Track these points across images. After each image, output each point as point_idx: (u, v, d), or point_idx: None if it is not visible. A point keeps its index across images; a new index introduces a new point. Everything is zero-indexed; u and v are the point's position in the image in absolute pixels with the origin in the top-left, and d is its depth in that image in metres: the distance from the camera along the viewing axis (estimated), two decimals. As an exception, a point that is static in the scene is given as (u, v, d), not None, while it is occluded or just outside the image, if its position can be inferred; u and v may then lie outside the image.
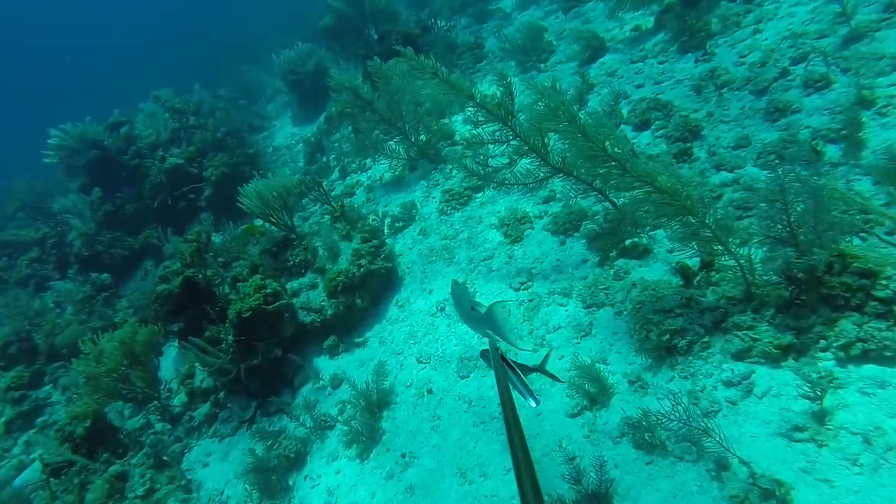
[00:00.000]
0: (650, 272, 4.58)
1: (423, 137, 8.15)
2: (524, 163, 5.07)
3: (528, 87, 4.41)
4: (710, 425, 3.22)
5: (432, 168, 8.03)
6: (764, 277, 3.60)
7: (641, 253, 4.77)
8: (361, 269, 6.10)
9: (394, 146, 8.40)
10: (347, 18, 12.96)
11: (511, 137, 4.81)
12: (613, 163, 3.74)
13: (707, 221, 3.52)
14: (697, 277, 4.09)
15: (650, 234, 4.65)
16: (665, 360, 3.87)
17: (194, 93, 14.07)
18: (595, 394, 3.94)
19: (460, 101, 4.72)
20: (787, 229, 3.21)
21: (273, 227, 6.92)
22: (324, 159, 10.97)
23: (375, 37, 12.71)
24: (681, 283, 4.19)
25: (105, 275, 9.28)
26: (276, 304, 5.82)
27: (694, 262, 4.29)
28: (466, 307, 3.84)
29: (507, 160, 5.56)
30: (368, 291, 6.22)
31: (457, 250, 6.29)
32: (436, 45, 11.46)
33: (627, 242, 4.89)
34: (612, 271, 4.81)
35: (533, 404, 2.96)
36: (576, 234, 5.51)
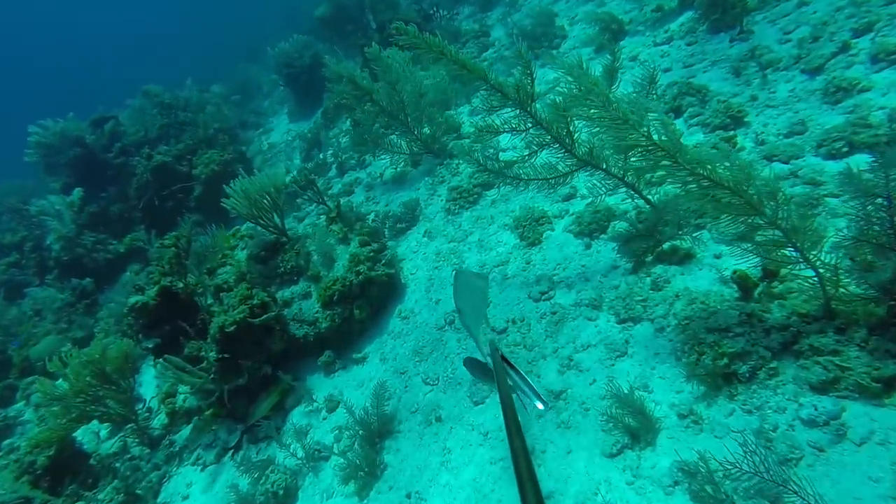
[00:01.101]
0: (695, 281, 3.92)
1: (426, 130, 7.49)
2: (544, 155, 4.41)
3: (549, 65, 3.74)
4: (790, 477, 2.57)
5: (437, 163, 7.38)
6: (848, 290, 2.94)
7: (683, 258, 4.11)
8: (360, 277, 5.45)
9: (395, 140, 7.75)
10: (345, 7, 12.31)
11: (531, 125, 4.15)
12: (661, 153, 3.08)
13: (779, 222, 2.85)
14: (758, 289, 3.43)
15: (694, 235, 3.99)
16: (722, 388, 3.22)
17: (186, 88, 13.43)
18: (637, 429, 3.28)
19: (471, 83, 4.06)
20: (891, 231, 2.55)
21: (263, 230, 6.28)
22: (321, 156, 10.32)
23: (374, 26, 12.07)
24: (736, 295, 3.53)
25: (87, 280, 8.65)
26: (265, 316, 5.18)
27: (745, 267, 3.63)
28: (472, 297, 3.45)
29: (525, 152, 4.92)
30: (368, 301, 5.58)
31: (466, 254, 5.64)
32: (438, 33, 10.78)
33: (665, 246, 4.24)
34: (648, 280, 4.16)
35: (540, 406, 2.83)
36: (602, 236, 4.85)
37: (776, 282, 3.38)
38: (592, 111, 3.36)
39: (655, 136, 3.11)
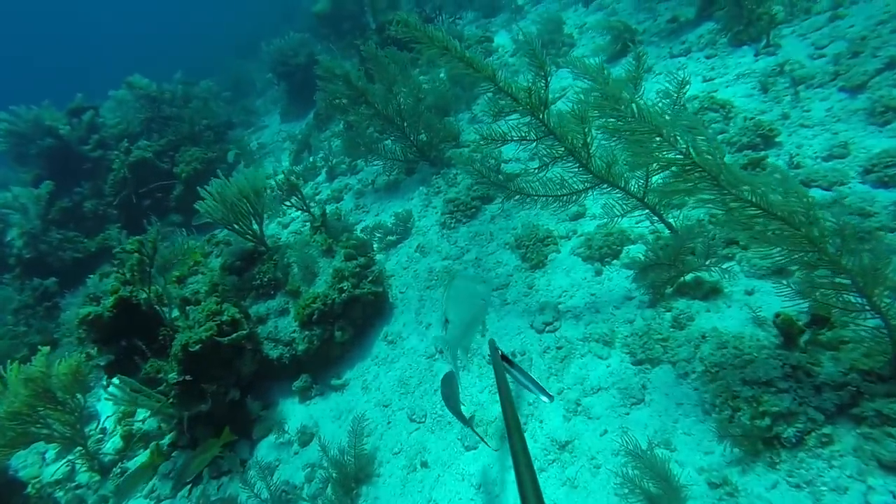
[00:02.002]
0: (723, 320, 3.43)
1: (423, 137, 7.00)
2: (555, 169, 3.92)
3: (562, 69, 3.27)
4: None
5: (433, 172, 6.88)
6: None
7: (708, 292, 3.63)
8: (343, 295, 4.91)
9: (389, 146, 7.25)
10: (344, 4, 11.82)
11: (542, 134, 3.66)
12: (700, 173, 2.60)
13: (845, 262, 2.37)
14: (804, 336, 2.94)
15: (723, 266, 3.50)
16: (762, 454, 2.72)
17: (174, 82, 12.85)
18: (659, 498, 2.77)
19: (475, 86, 3.57)
20: None
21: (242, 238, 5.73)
22: (310, 159, 9.79)
23: (374, 26, 11.61)
24: (777, 341, 3.05)
25: (51, 280, 8.02)
26: (235, 335, 4.63)
27: (790, 309, 3.15)
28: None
29: (531, 165, 4.44)
30: (351, 322, 5.03)
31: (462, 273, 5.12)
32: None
33: (688, 277, 3.75)
34: (668, 315, 3.66)
35: (546, 400, 2.83)
36: (615, 261, 4.36)
37: (826, 329, 2.89)
38: (618, 122, 2.88)
39: (694, 154, 2.63)
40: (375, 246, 6.23)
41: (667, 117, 2.76)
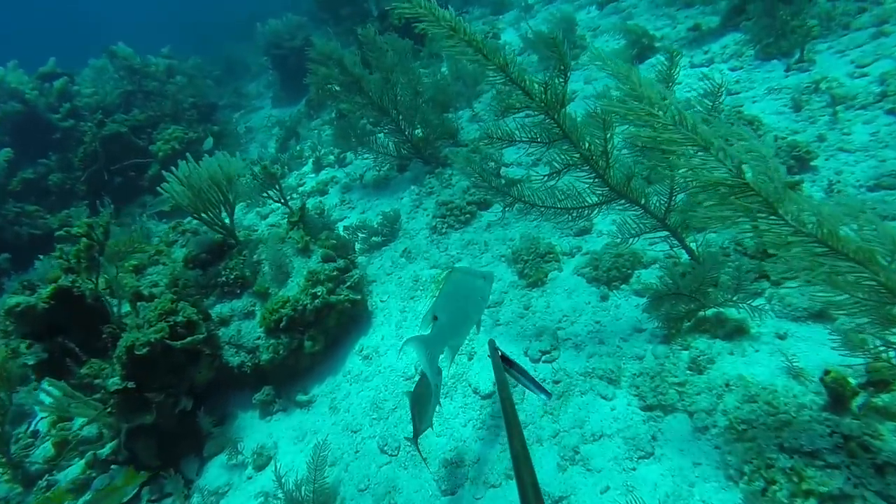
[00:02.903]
0: (750, 366, 2.96)
1: (418, 132, 6.48)
2: (565, 179, 3.43)
3: (574, 70, 2.78)
4: None
5: (427, 171, 6.37)
6: None
7: (732, 332, 3.16)
8: (316, 301, 4.38)
9: (382, 139, 6.72)
10: (346, -12, 11.27)
11: (556, 137, 3.16)
12: (753, 197, 2.12)
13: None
14: (857, 399, 2.47)
15: (751, 304, 3.03)
16: (800, 540, 2.25)
17: (161, 56, 12.18)
18: (673, 584, 2.29)
19: (479, 83, 3.06)
20: None
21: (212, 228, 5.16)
22: (297, 147, 9.22)
23: (376, 13, 11.06)
24: (821, 401, 2.58)
25: (2, 256, 7.36)
26: (189, 339, 4.07)
27: (837, 363, 2.68)
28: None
29: (535, 171, 3.96)
30: (323, 331, 4.50)
31: (451, 287, 4.61)
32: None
33: (709, 312, 3.28)
34: (685, 355, 3.19)
35: (544, 398, 2.64)
36: (624, 286, 3.88)
37: (884, 393, 2.43)
38: (651, 130, 2.38)
39: (749, 175, 2.15)
40: (358, 247, 5.70)
41: (707, 128, 2.27)
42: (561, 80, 3.11)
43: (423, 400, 2.87)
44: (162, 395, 3.96)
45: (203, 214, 4.83)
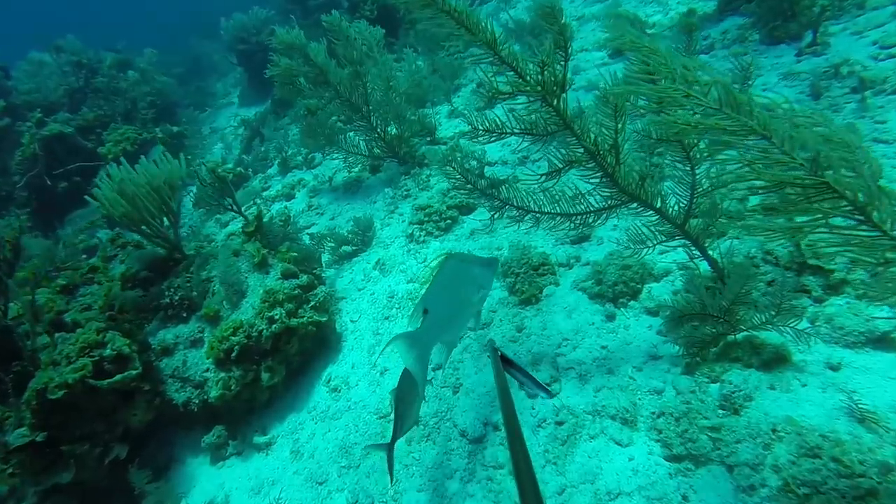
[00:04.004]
0: (799, 406, 2.42)
1: (392, 130, 5.87)
2: (564, 179, 2.86)
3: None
4: None
5: (402, 172, 5.76)
6: None
7: (771, 361, 2.62)
8: (274, 326, 3.74)
9: (352, 137, 6.09)
10: (313, -23, 10.58)
11: (556, 128, 2.59)
12: (838, 201, 1.58)
13: None
14: (952, 458, 1.95)
15: (793, 325, 2.49)
16: None
17: (117, 51, 11.32)
18: None
19: (473, 47, 2.49)
20: None
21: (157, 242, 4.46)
22: (262, 148, 8.52)
23: (346, 5, 10.40)
24: (899, 457, 2.05)
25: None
26: (120, 377, 3.41)
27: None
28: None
29: (531, 168, 3.39)
30: (284, 360, 3.87)
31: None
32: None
33: (739, 337, 2.74)
34: (714, 389, 2.65)
35: (545, 396, 2.60)
36: (633, 303, 3.33)
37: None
38: (711, 115, 1.82)
39: (831, 173, 1.60)
40: (326, 258, 5.07)
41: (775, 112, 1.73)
42: (560, 58, 2.54)
43: (407, 399, 2.59)
44: (86, 446, 3.29)
45: (143, 226, 4.15)
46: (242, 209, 7.13)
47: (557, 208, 2.88)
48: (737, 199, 3.52)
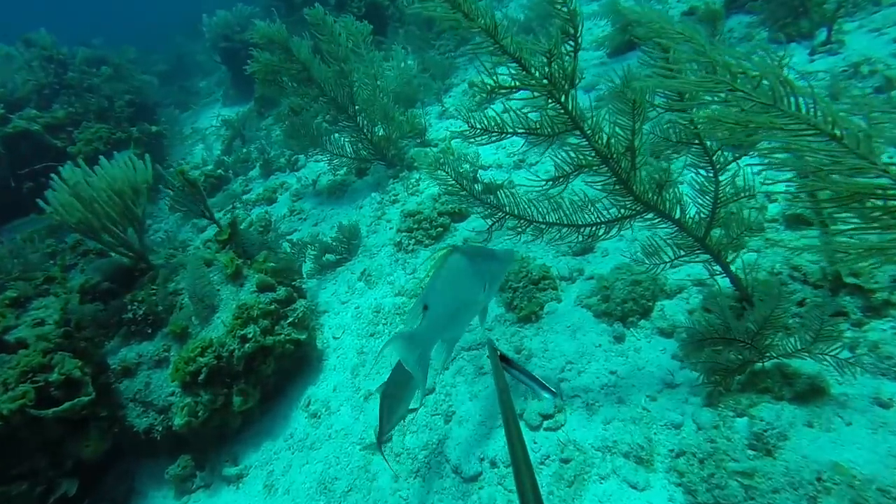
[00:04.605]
0: (843, 448, 2.11)
1: (379, 130, 5.53)
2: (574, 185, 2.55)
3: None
4: None
5: (390, 175, 5.42)
6: None
7: (805, 393, 2.32)
8: (248, 345, 3.38)
9: (337, 139, 5.73)
10: (299, -28, 10.21)
11: (564, 127, 2.27)
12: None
13: None
14: None
15: (833, 352, 2.19)
16: None
17: (92, 48, 10.84)
18: None
19: (472, 35, 2.16)
20: None
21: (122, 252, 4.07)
22: (244, 149, 8.13)
23: (333, 2, 10.04)
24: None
25: None
26: (69, 405, 3.03)
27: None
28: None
29: (525, 174, 3.09)
30: (259, 382, 3.51)
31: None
32: (408, 17, 8.93)
33: (768, 364, 2.44)
34: (741, 424, 2.34)
35: (549, 397, 2.15)
36: (643, 322, 3.02)
37: None
38: (737, 112, 1.51)
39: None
40: (308, 267, 4.71)
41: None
42: (570, 48, 2.23)
43: (395, 400, 2.47)
44: (24, 486, 2.90)
45: (103, 234, 3.77)
46: (221, 213, 6.78)
47: (563, 218, 2.56)
48: (755, 207, 3.24)
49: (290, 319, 3.68)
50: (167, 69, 15.56)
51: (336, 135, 5.72)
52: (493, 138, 2.35)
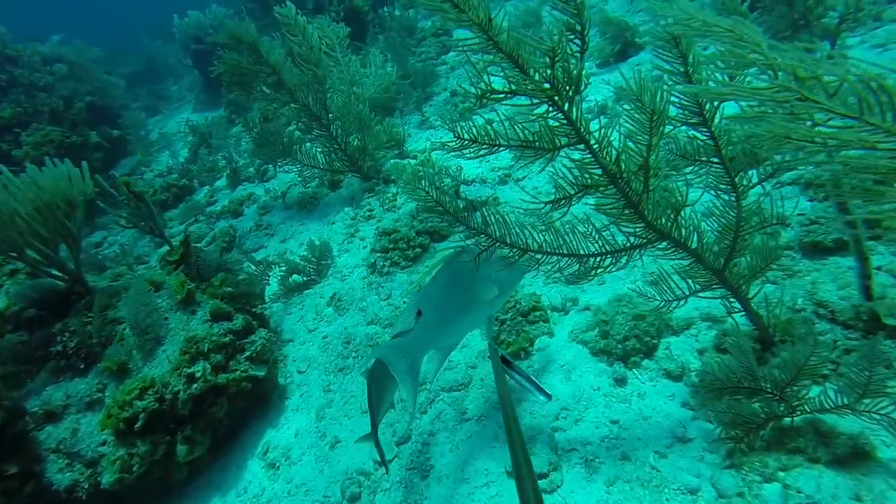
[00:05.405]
0: (891, 525, 1.78)
1: (354, 141, 5.12)
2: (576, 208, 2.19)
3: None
4: None
5: (365, 189, 5.02)
6: None
7: (847, 456, 1.98)
8: (195, 385, 2.93)
9: (309, 148, 5.31)
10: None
11: (567, 140, 1.91)
12: None
13: None
14: None
15: (873, 408, 1.86)
16: None
17: (50, 44, 10.23)
18: None
19: (459, 27, 1.80)
20: None
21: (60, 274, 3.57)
22: (210, 157, 7.64)
23: (311, 6, 9.65)
24: None
25: None
26: (-29, 459, 2.52)
27: None
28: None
29: (513, 189, 2.73)
30: (208, 427, 3.04)
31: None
32: (388, 24, 8.59)
33: (798, 420, 2.10)
34: (770, 491, 1.98)
35: (543, 399, 2.21)
36: (647, 362, 2.67)
37: None
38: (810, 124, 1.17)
39: None
40: (273, 289, 4.27)
41: None
42: (576, 47, 1.88)
43: (383, 383, 2.24)
44: None
45: (28, 251, 3.28)
46: (182, 226, 6.27)
47: (563, 246, 2.19)
48: (766, 233, 2.93)
49: (248, 353, 3.23)
50: (137, 71, 14.96)
51: (308, 144, 5.30)
52: (483, 151, 1.97)
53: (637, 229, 2.08)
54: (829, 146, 1.12)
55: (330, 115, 4.99)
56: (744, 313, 2.32)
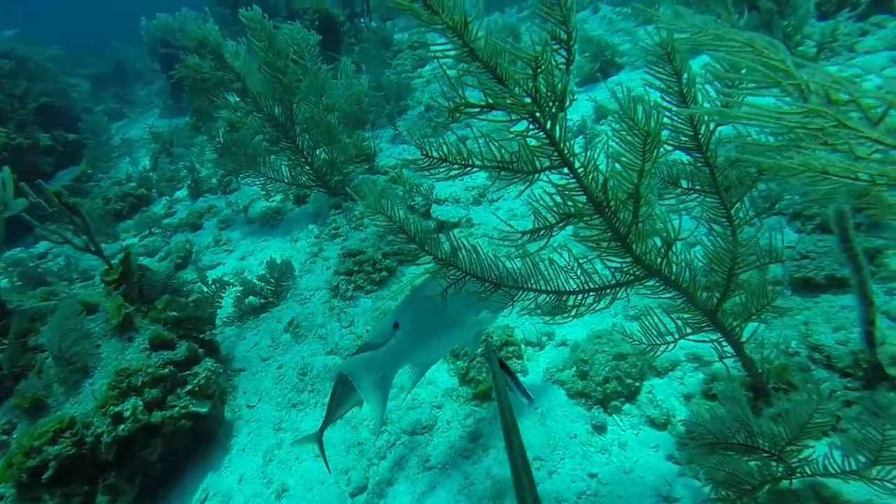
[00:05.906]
0: None
1: (322, 154, 4.84)
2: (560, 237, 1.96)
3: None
4: None
5: (332, 205, 4.73)
6: None
7: (850, 525, 1.76)
8: (123, 426, 2.57)
9: (273, 161, 5.00)
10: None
11: (551, 161, 1.67)
12: None
13: None
14: None
15: (886, 477, 1.65)
16: None
17: (2, 38, 9.70)
18: None
19: (432, 30, 1.56)
20: None
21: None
22: (171, 167, 7.24)
23: (285, 13, 9.38)
24: None
25: None
26: None
27: None
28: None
29: (488, 209, 2.51)
30: (138, 472, 2.68)
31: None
32: (364, 35, 8.38)
33: (797, 483, 1.88)
34: (771, 569, 1.75)
35: (526, 402, 2.15)
36: (628, 406, 2.43)
37: None
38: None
39: None
40: (227, 311, 3.92)
41: None
42: (561, 58, 1.66)
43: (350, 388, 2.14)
44: None
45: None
46: (137, 239, 5.85)
47: (541, 283, 1.95)
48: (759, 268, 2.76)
49: (190, 387, 2.88)
50: (103, 73, 14.41)
51: (272, 156, 4.99)
52: (454, 171, 1.72)
53: (624, 264, 1.86)
54: (879, 184, 0.90)
55: (297, 127, 4.70)
56: (736, 357, 2.11)
